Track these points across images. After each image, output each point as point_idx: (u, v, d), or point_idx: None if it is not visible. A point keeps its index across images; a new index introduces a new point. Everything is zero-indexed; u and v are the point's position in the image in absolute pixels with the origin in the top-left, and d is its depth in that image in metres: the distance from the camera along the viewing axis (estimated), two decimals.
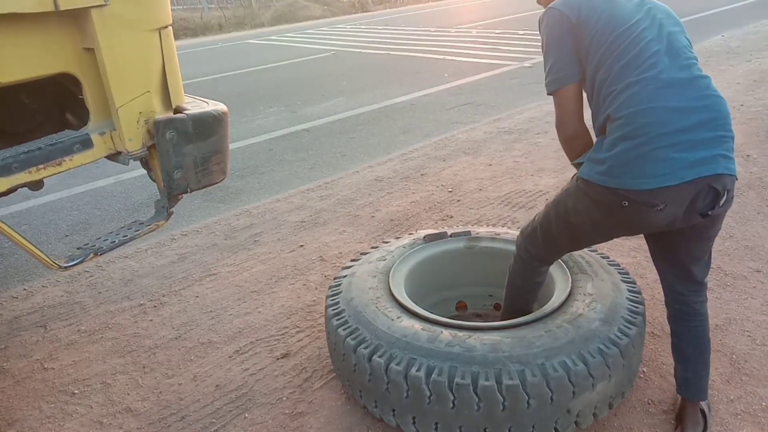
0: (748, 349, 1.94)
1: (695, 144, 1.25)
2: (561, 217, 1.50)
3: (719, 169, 1.25)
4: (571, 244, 1.60)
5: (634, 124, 1.27)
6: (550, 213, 1.54)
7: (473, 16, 14.47)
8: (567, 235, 1.54)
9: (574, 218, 1.46)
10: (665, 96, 1.27)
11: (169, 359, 2.13)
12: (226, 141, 2.00)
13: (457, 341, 1.52)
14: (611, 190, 1.31)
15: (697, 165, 1.24)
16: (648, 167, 1.25)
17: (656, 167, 1.25)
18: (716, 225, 1.42)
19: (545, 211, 1.57)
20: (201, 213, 3.58)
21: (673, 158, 1.24)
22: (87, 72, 1.66)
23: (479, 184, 3.60)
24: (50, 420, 1.87)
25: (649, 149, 1.25)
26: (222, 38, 14.95)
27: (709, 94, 1.29)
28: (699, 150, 1.24)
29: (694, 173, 1.24)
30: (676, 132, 1.25)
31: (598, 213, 1.39)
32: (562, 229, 1.52)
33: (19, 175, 1.57)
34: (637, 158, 1.26)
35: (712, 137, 1.26)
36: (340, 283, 1.91)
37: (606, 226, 1.43)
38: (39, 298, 2.63)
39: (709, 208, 1.30)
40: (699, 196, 1.28)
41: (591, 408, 1.49)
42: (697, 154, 1.24)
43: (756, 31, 8.13)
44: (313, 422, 1.76)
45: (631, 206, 1.30)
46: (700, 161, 1.24)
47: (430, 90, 6.56)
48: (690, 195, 1.27)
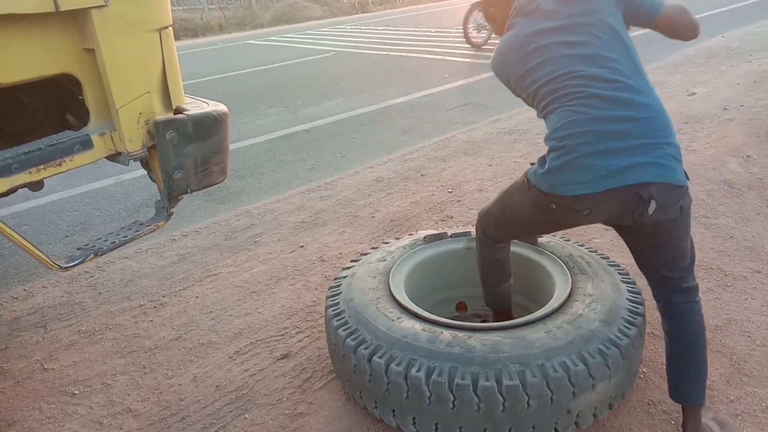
0: (748, 349, 1.94)
1: (619, 151, 1.27)
2: (507, 208, 1.60)
3: (645, 177, 1.26)
4: (516, 231, 1.73)
5: (560, 134, 1.33)
6: (500, 202, 1.64)
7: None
8: (512, 224, 1.65)
9: (517, 211, 1.56)
10: (590, 106, 1.30)
11: (169, 360, 2.13)
12: (226, 141, 2.00)
13: (457, 342, 1.52)
14: (543, 194, 1.39)
15: (621, 172, 1.26)
16: (572, 175, 1.31)
17: (579, 175, 1.30)
18: (673, 232, 1.40)
19: (498, 198, 1.66)
20: (201, 213, 3.58)
21: (595, 166, 1.28)
22: (87, 72, 1.66)
23: (479, 184, 3.60)
24: (50, 420, 1.87)
25: (574, 157, 1.31)
26: (222, 39, 14.95)
27: (637, 102, 1.30)
28: (624, 157, 1.26)
29: (616, 181, 1.27)
30: (599, 141, 1.28)
31: (534, 211, 1.48)
32: (509, 217, 1.63)
33: (19, 175, 1.57)
34: (564, 166, 1.32)
35: (640, 144, 1.27)
36: (340, 283, 1.91)
37: (542, 222, 1.53)
38: (39, 299, 2.63)
39: (639, 215, 1.32)
40: (627, 204, 1.31)
41: (591, 408, 1.49)
42: (622, 161, 1.26)
43: (756, 32, 8.14)
44: (313, 423, 1.76)
45: (558, 209, 1.39)
46: (625, 168, 1.26)
47: (430, 90, 6.56)
48: (615, 202, 1.31)
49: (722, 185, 3.21)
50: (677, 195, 1.32)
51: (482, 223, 1.75)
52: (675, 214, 1.35)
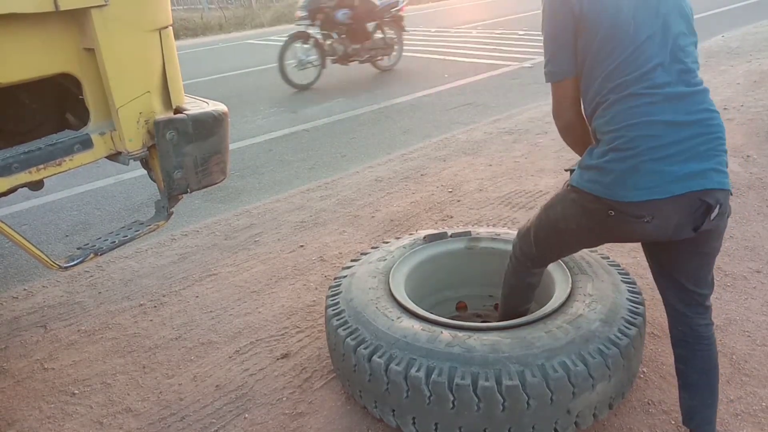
0: (748, 349, 1.94)
1: (686, 158, 1.23)
2: (551, 222, 1.50)
3: (710, 183, 1.23)
4: (560, 248, 1.60)
5: (625, 136, 1.26)
6: (542, 216, 1.54)
7: (473, 16, 14.47)
8: (556, 240, 1.54)
9: (563, 224, 1.46)
10: (659, 110, 1.25)
11: (169, 359, 2.13)
12: (226, 141, 2.00)
13: (457, 342, 1.52)
14: (598, 199, 1.30)
15: (688, 179, 1.23)
16: (637, 179, 1.24)
17: (645, 180, 1.24)
18: (712, 241, 1.37)
19: (538, 214, 1.57)
20: (201, 213, 3.58)
21: (662, 171, 1.23)
22: (87, 72, 1.66)
23: (479, 184, 3.60)
24: (50, 420, 1.87)
25: (639, 161, 1.24)
26: (222, 38, 14.94)
27: (703, 108, 1.27)
28: (690, 163, 1.23)
29: (683, 187, 1.23)
30: (667, 145, 1.23)
31: (585, 220, 1.38)
32: (552, 233, 1.53)
33: (19, 175, 1.57)
34: (627, 170, 1.25)
35: (704, 151, 1.24)
36: (340, 283, 1.91)
37: (593, 233, 1.42)
38: (39, 298, 2.63)
39: (701, 222, 1.28)
40: (689, 210, 1.26)
41: (591, 408, 1.49)
42: (688, 167, 1.23)
43: (756, 32, 8.14)
44: (313, 422, 1.76)
45: (617, 216, 1.30)
46: (691, 175, 1.23)
47: (430, 90, 6.56)
48: (679, 209, 1.26)
49: None
50: (728, 200, 1.31)
51: (522, 242, 1.64)
52: (725, 220, 1.34)
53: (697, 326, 1.45)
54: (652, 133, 1.24)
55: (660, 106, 1.25)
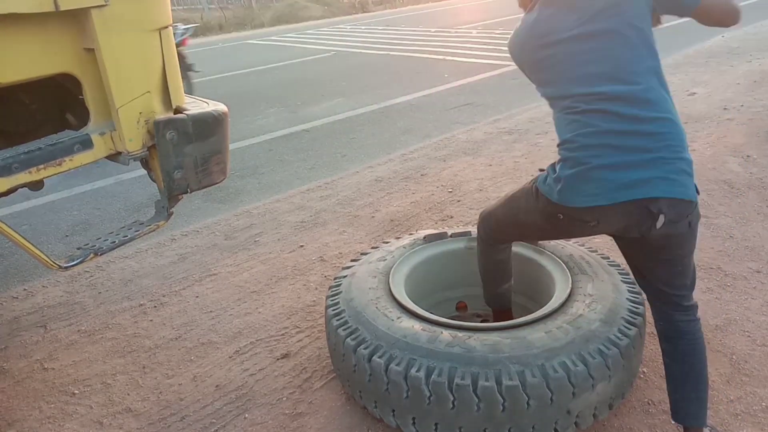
0: (748, 349, 1.94)
1: (630, 165, 1.26)
2: (513, 212, 1.59)
3: (655, 192, 1.25)
4: (518, 235, 1.73)
5: (573, 145, 1.33)
6: (505, 205, 1.63)
7: (473, 16, 14.47)
8: (515, 228, 1.65)
9: (523, 216, 1.55)
10: (605, 119, 1.28)
11: (169, 359, 2.13)
12: (226, 141, 2.00)
13: (457, 342, 1.52)
14: (551, 203, 1.39)
15: (632, 186, 1.26)
16: (583, 186, 1.31)
17: (590, 187, 1.30)
18: (674, 248, 1.38)
19: (502, 203, 1.64)
20: (201, 213, 3.58)
21: (606, 179, 1.28)
22: (87, 72, 1.66)
23: (479, 184, 3.60)
24: (50, 420, 1.87)
25: (584, 169, 1.30)
26: (222, 39, 14.95)
27: (653, 117, 1.27)
28: (635, 171, 1.26)
29: (626, 195, 1.27)
30: (611, 154, 1.27)
31: (540, 218, 1.47)
32: (512, 222, 1.62)
33: (19, 175, 1.57)
34: (574, 177, 1.32)
35: (652, 159, 1.26)
36: (340, 283, 1.91)
37: (547, 230, 1.54)
38: (39, 298, 2.63)
39: (647, 229, 1.31)
40: (635, 217, 1.30)
41: (591, 409, 1.49)
42: (633, 174, 1.26)
43: (756, 32, 8.14)
44: (313, 422, 1.76)
45: (565, 219, 1.39)
46: (635, 183, 1.26)
47: (430, 90, 6.56)
48: (623, 215, 1.31)
49: (722, 185, 3.20)
50: (686, 210, 1.30)
51: (484, 224, 1.74)
52: (683, 229, 1.34)
53: (678, 322, 1.47)
54: (598, 142, 1.29)
55: (606, 115, 1.28)
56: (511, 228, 1.67)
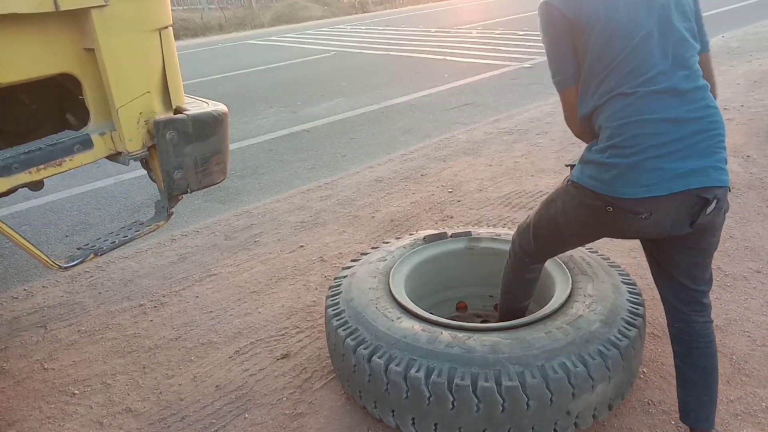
0: (748, 349, 1.94)
1: (686, 155, 1.24)
2: (551, 217, 1.51)
3: (710, 181, 1.25)
4: (559, 243, 1.60)
5: (626, 134, 1.27)
6: (542, 212, 1.56)
7: (473, 16, 14.47)
8: (555, 235, 1.55)
9: (562, 218, 1.47)
10: (658, 107, 1.25)
11: (169, 359, 2.13)
12: (226, 141, 2.00)
13: (457, 342, 1.52)
14: (598, 195, 1.32)
15: (687, 176, 1.24)
16: (637, 176, 1.25)
17: (645, 177, 1.25)
18: (707, 236, 1.38)
19: (538, 210, 1.58)
20: (201, 213, 3.58)
21: (662, 168, 1.24)
22: (87, 72, 1.66)
23: (479, 184, 3.60)
24: (50, 420, 1.87)
25: (639, 159, 1.25)
26: (222, 39, 14.95)
27: (703, 105, 1.27)
28: (689, 161, 1.24)
29: (684, 184, 1.24)
30: (667, 143, 1.24)
31: (584, 215, 1.40)
32: (552, 228, 1.53)
33: (19, 175, 1.57)
34: (628, 166, 1.26)
35: (704, 148, 1.25)
36: (340, 283, 1.91)
37: (591, 228, 1.43)
38: (39, 299, 2.63)
39: (696, 218, 1.29)
40: (687, 207, 1.27)
41: (590, 409, 1.49)
42: (688, 164, 1.24)
43: (756, 32, 8.14)
44: (313, 423, 1.76)
45: (615, 212, 1.31)
46: (691, 172, 1.24)
47: (430, 90, 6.56)
48: (677, 205, 1.27)
49: None
50: (726, 197, 1.32)
51: (521, 238, 1.65)
52: (722, 216, 1.35)
53: (694, 323, 1.47)
54: (652, 130, 1.25)
55: (659, 102, 1.26)
56: (550, 236, 1.56)
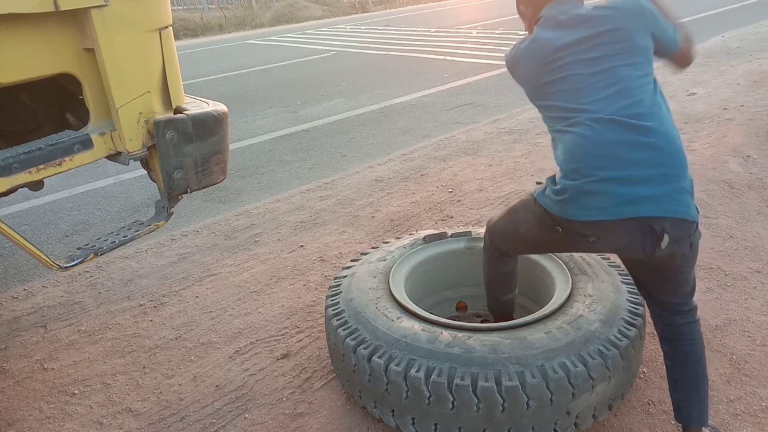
0: (748, 349, 1.94)
1: (637, 181, 1.23)
2: (513, 224, 1.57)
3: (660, 211, 1.23)
4: (521, 248, 1.67)
5: (577, 160, 1.29)
6: (506, 218, 1.61)
7: (473, 16, 14.47)
8: (517, 241, 1.61)
9: (522, 228, 1.52)
10: (608, 132, 1.26)
11: (169, 359, 2.13)
12: (226, 141, 2.00)
13: (457, 342, 1.52)
14: (549, 215, 1.36)
15: (636, 203, 1.23)
16: (586, 199, 1.26)
17: (594, 200, 1.25)
18: (676, 266, 1.37)
19: (504, 213, 1.63)
20: (201, 213, 3.58)
21: (611, 192, 1.24)
22: (87, 72, 1.67)
23: (479, 184, 3.60)
24: (50, 420, 1.87)
25: (589, 181, 1.25)
26: (222, 39, 14.95)
27: (659, 131, 1.26)
28: (640, 187, 1.23)
29: (632, 211, 1.23)
30: (617, 167, 1.24)
31: (539, 230, 1.44)
32: (513, 235, 1.59)
33: (19, 175, 1.57)
34: (578, 189, 1.27)
35: (657, 175, 1.23)
36: (340, 283, 1.91)
37: (547, 243, 1.49)
38: (39, 299, 2.63)
39: (651, 248, 1.27)
40: (638, 235, 1.26)
41: (590, 409, 1.49)
42: (638, 191, 1.22)
43: (756, 32, 8.13)
44: (313, 422, 1.77)
45: (564, 233, 1.35)
46: (641, 199, 1.23)
47: (430, 90, 6.56)
48: (627, 232, 1.27)
49: (722, 185, 3.21)
50: (689, 230, 1.29)
51: (490, 234, 1.71)
52: (685, 249, 1.32)
53: (678, 325, 1.48)
54: (602, 151, 1.25)
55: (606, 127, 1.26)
56: (512, 241, 1.62)
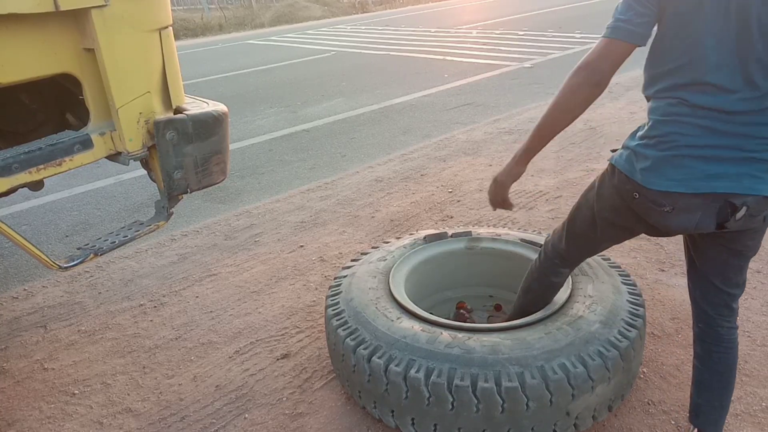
0: (748, 349, 1.94)
1: (721, 160, 1.22)
2: (588, 203, 1.49)
3: (739, 188, 1.22)
4: (591, 237, 1.53)
5: (665, 129, 1.25)
6: (580, 201, 1.54)
7: (473, 16, 14.47)
8: (589, 227, 1.50)
9: (598, 203, 1.45)
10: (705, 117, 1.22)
11: (169, 359, 2.13)
12: (226, 141, 2.00)
13: (457, 343, 1.52)
14: (629, 180, 1.31)
15: (716, 179, 1.22)
16: (667, 169, 1.25)
17: (675, 171, 1.24)
18: (744, 239, 1.35)
19: (576, 203, 1.56)
20: (201, 213, 3.58)
21: (693, 167, 1.23)
22: (87, 72, 1.67)
23: (479, 184, 3.60)
24: (50, 420, 1.87)
25: (673, 154, 1.24)
26: (222, 39, 14.95)
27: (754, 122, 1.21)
28: (724, 165, 1.22)
29: (710, 186, 1.22)
30: (704, 146, 1.22)
31: (616, 198, 1.38)
32: (586, 216, 1.50)
33: (19, 175, 1.57)
34: (660, 158, 1.26)
35: (742, 157, 1.22)
36: (340, 283, 1.91)
37: (622, 215, 1.40)
38: (39, 299, 2.63)
39: (724, 221, 1.26)
40: (712, 210, 1.25)
41: (590, 410, 1.49)
42: (721, 168, 1.22)
43: None
44: (312, 423, 1.77)
45: (640, 200, 1.31)
46: (720, 176, 1.22)
47: (430, 90, 6.56)
48: (702, 205, 1.26)
49: None
50: (765, 206, 1.26)
51: (554, 237, 1.64)
52: (758, 223, 1.30)
53: (718, 327, 1.45)
54: (692, 133, 1.22)
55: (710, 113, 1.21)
56: (582, 228, 1.53)
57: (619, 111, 4.90)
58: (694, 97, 1.23)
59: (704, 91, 1.22)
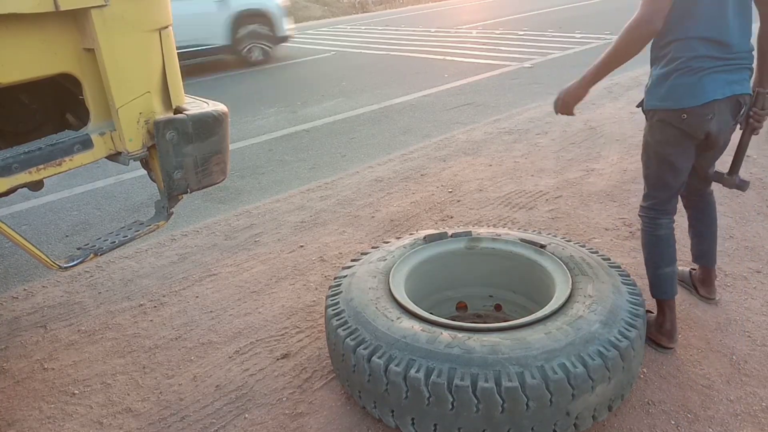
0: (748, 349, 1.94)
1: (731, 69, 1.68)
2: (651, 154, 1.88)
3: (745, 89, 1.72)
4: (669, 172, 1.87)
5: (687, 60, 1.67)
6: (642, 158, 1.93)
7: (473, 16, 14.47)
8: (662, 166, 1.86)
9: (658, 147, 1.83)
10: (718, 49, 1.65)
11: (169, 359, 2.13)
12: (226, 141, 2.00)
13: (457, 342, 1.52)
14: (673, 111, 1.72)
15: (734, 84, 1.69)
16: (701, 87, 1.67)
17: (708, 87, 1.66)
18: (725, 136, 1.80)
19: (643, 162, 1.94)
20: (201, 213, 3.58)
21: (718, 79, 1.67)
22: (87, 72, 1.67)
23: (479, 184, 3.60)
24: (50, 420, 1.87)
25: (701, 75, 1.66)
26: None
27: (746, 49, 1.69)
28: (733, 73, 1.69)
29: (731, 90, 1.68)
30: (717, 64, 1.66)
31: (670, 131, 1.77)
32: (656, 162, 1.87)
33: (19, 175, 1.57)
34: (692, 83, 1.67)
35: (739, 66, 1.69)
36: (340, 283, 1.91)
37: (678, 139, 1.78)
38: (39, 299, 2.63)
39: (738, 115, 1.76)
40: (734, 108, 1.72)
41: (590, 410, 1.49)
42: (733, 76, 1.69)
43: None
44: (312, 423, 1.77)
45: (689, 117, 1.71)
46: (735, 81, 1.69)
47: (430, 90, 6.56)
48: (728, 107, 1.71)
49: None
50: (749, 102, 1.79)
51: (643, 201, 1.98)
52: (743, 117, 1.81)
53: (704, 194, 2.08)
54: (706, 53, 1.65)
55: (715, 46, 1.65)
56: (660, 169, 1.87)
57: (619, 111, 4.90)
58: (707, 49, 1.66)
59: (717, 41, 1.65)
